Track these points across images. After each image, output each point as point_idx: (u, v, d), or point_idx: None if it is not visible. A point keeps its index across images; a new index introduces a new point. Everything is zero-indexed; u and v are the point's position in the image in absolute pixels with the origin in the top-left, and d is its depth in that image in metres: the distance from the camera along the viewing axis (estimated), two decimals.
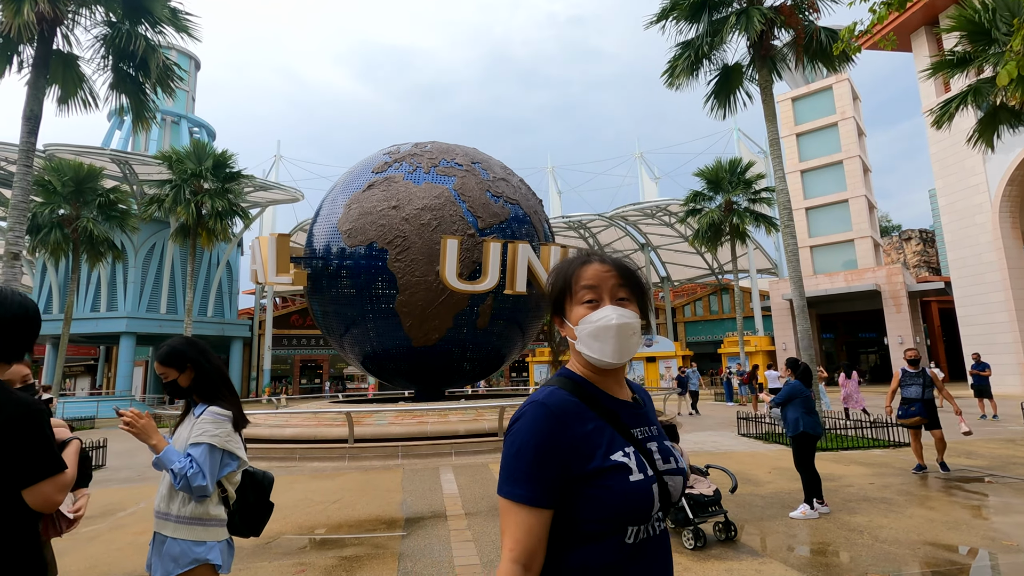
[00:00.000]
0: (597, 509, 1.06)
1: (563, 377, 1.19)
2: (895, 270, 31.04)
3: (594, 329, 1.13)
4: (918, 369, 7.41)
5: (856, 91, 35.71)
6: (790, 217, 11.94)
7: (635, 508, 1.07)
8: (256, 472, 2.43)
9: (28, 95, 9.82)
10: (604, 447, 1.09)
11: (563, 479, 1.06)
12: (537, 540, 1.05)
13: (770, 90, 12.34)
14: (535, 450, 1.07)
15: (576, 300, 1.18)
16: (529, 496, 1.05)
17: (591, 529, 1.07)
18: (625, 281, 1.19)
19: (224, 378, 2.38)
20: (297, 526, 5.77)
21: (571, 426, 1.09)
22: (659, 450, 1.17)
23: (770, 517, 5.53)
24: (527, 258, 11.96)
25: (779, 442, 10.57)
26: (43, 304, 31.16)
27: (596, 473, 1.07)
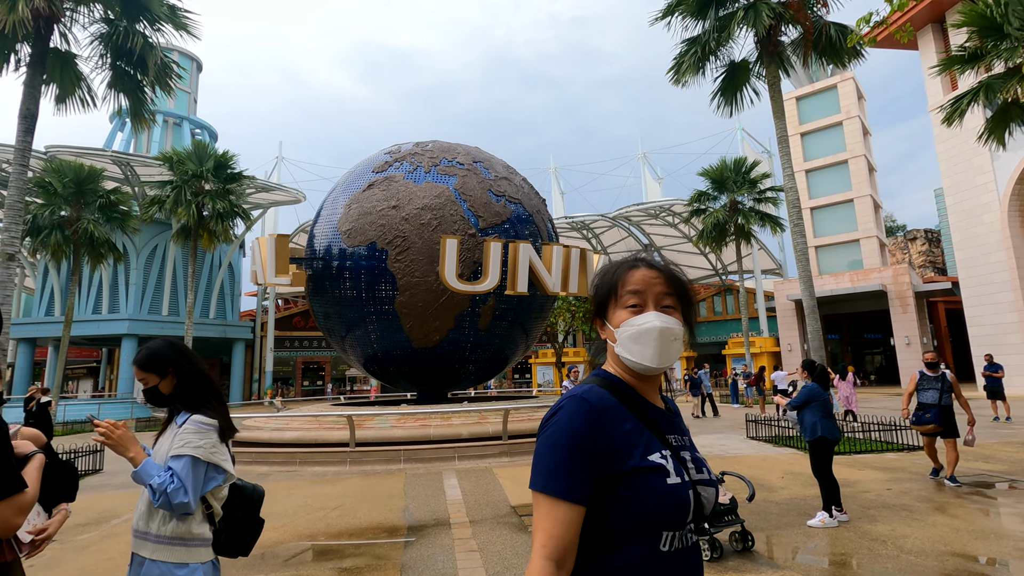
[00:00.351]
0: (633, 510, 1.04)
1: (600, 377, 1.18)
2: (901, 270, 30.75)
3: (635, 332, 1.12)
4: (937, 373, 6.93)
5: (861, 90, 35.47)
6: (799, 215, 11.73)
7: (672, 512, 1.04)
8: (245, 486, 2.24)
9: (24, 93, 9.67)
10: (642, 447, 1.07)
11: (600, 475, 1.04)
12: (572, 536, 1.02)
13: (778, 87, 12.13)
14: (574, 443, 1.05)
15: (620, 303, 1.17)
16: (566, 490, 1.02)
17: (626, 532, 1.04)
18: (672, 289, 1.18)
19: (209, 384, 2.19)
20: (296, 534, 5.58)
21: (610, 422, 1.08)
22: (692, 460, 1.15)
23: (787, 525, 5.32)
24: (528, 258, 11.75)
25: (790, 445, 10.34)
26: (45, 306, 31.08)
27: (633, 472, 1.05)
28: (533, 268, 11.85)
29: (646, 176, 45.99)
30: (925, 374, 7.02)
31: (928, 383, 6.94)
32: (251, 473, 9.19)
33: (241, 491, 2.20)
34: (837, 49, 11.62)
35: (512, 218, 12.34)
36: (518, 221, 12.46)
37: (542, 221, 13.29)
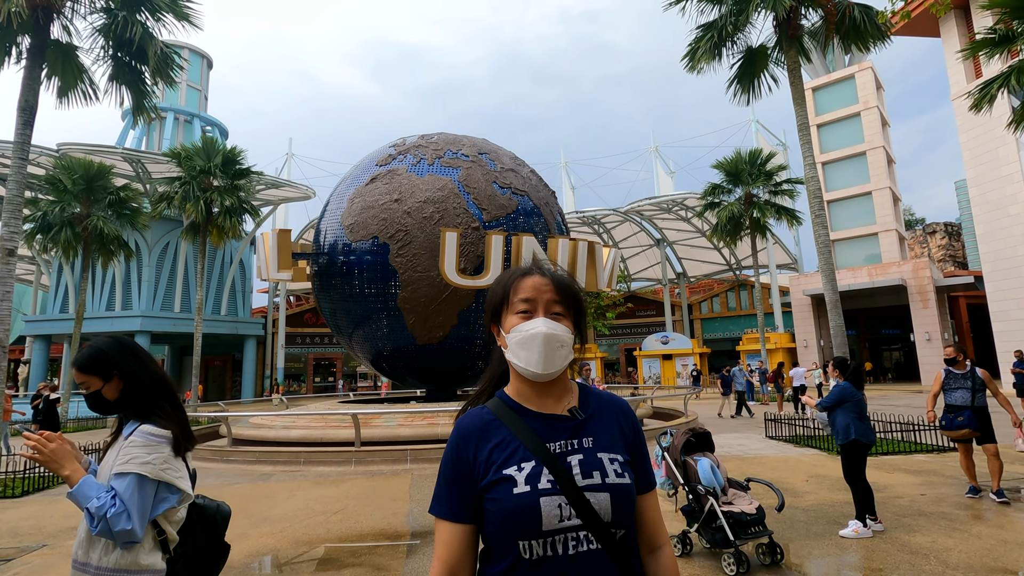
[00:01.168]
0: (492, 523, 1.08)
1: (493, 396, 1.24)
2: (922, 264, 29.95)
3: (522, 338, 1.15)
4: (965, 369, 6.09)
5: (879, 80, 34.59)
6: (821, 206, 11.25)
7: (517, 520, 1.06)
8: (207, 505, 1.94)
9: (23, 85, 9.48)
10: (500, 461, 1.11)
11: (470, 494, 1.11)
12: (458, 554, 1.08)
13: (798, 72, 11.65)
14: (447, 467, 1.14)
15: (511, 310, 1.19)
16: (443, 511, 1.11)
17: (491, 543, 1.10)
18: (561, 296, 1.19)
19: (164, 387, 1.88)
20: (293, 540, 5.31)
21: (475, 444, 1.14)
22: (581, 463, 1.12)
23: (817, 535, 4.95)
24: (532, 251, 11.36)
25: (811, 445, 9.93)
26: (59, 303, 31.30)
27: (488, 487, 1.09)
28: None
29: (658, 170, 45.37)
30: (952, 371, 6.20)
31: (956, 381, 6.12)
32: (254, 473, 8.97)
33: (202, 511, 1.90)
34: (861, 32, 11.10)
35: (518, 210, 11.99)
36: (524, 214, 12.11)
37: (551, 214, 12.92)
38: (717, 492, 4.31)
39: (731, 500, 4.40)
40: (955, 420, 6.04)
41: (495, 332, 1.25)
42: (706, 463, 4.47)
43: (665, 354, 33.70)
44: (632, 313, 41.87)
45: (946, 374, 6.30)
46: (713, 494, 4.27)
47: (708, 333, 41.68)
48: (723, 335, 40.96)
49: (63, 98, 11.06)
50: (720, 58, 12.69)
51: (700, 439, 4.77)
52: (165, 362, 40.35)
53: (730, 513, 4.18)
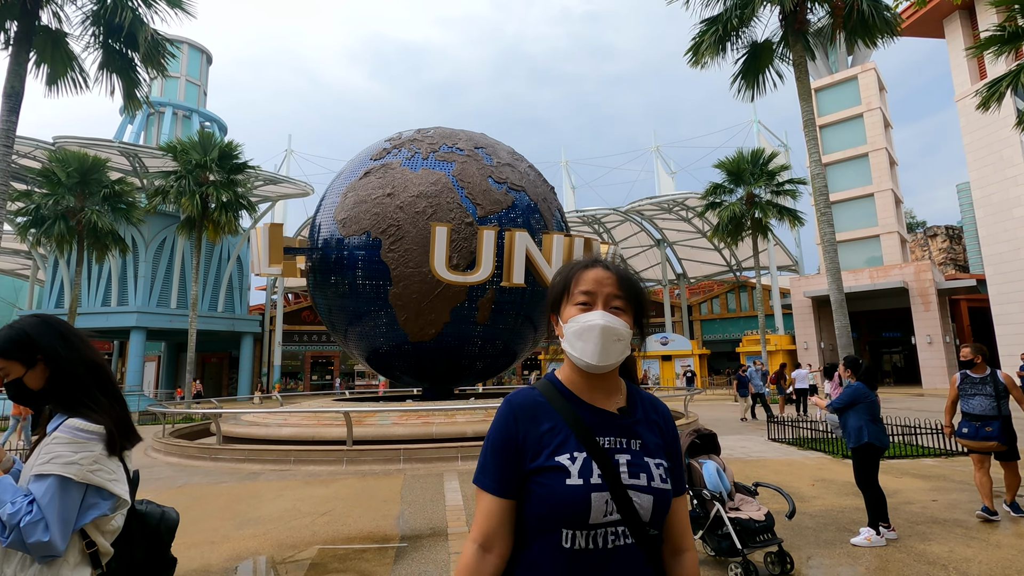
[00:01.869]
0: (537, 506, 1.11)
1: (544, 379, 1.25)
2: (924, 266, 29.74)
3: (579, 328, 1.16)
4: (984, 373, 5.35)
5: (883, 81, 34.36)
6: (827, 204, 11.01)
7: (567, 511, 1.09)
8: (149, 512, 1.69)
9: (9, 71, 9.22)
10: (552, 448, 1.13)
11: (516, 472, 1.14)
12: (497, 525, 1.12)
13: (804, 67, 11.40)
14: (496, 442, 1.17)
15: (571, 301, 1.21)
16: (488, 484, 1.15)
17: (534, 525, 1.12)
18: (623, 291, 1.20)
19: (98, 375, 1.62)
20: (276, 543, 5.06)
21: (528, 423, 1.16)
22: (628, 463, 1.15)
23: (827, 543, 4.70)
24: (525, 247, 11.08)
25: (815, 448, 9.69)
26: (55, 298, 31.00)
27: (538, 471, 1.12)
28: (531, 258, 11.19)
29: (659, 170, 45.13)
30: (969, 375, 5.42)
31: (974, 387, 5.33)
32: (242, 472, 8.72)
33: (143, 520, 1.65)
34: (869, 26, 10.85)
35: (513, 206, 11.72)
36: (520, 209, 11.84)
37: (548, 210, 12.64)
38: (723, 497, 4.07)
39: (738, 506, 4.16)
40: (982, 430, 5.24)
41: (554, 322, 1.27)
42: (712, 466, 4.23)
43: (664, 355, 33.46)
44: None
45: (962, 378, 5.50)
46: (719, 499, 4.02)
47: (708, 334, 41.47)
48: (723, 336, 40.75)
49: (52, 86, 10.80)
50: (724, 53, 12.45)
51: (705, 441, 4.52)
52: (161, 358, 40.06)
53: (737, 520, 3.94)
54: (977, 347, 5.45)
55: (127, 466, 1.61)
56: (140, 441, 1.68)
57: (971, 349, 5.45)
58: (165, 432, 12.08)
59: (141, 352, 30.56)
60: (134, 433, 1.63)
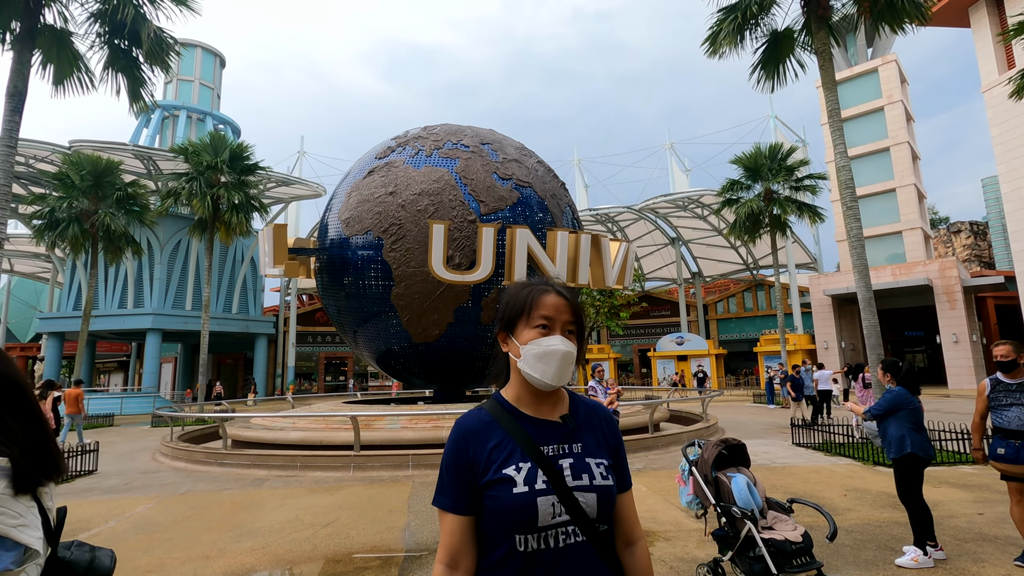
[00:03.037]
0: (488, 516, 1.20)
1: (491, 399, 1.35)
2: (949, 263, 28.84)
3: (542, 352, 1.25)
4: (1019, 377, 4.29)
5: (904, 73, 33.45)
6: (853, 198, 10.52)
7: (516, 517, 1.17)
8: (75, 561, 1.38)
9: (12, 71, 9.10)
10: (500, 461, 1.21)
11: (470, 489, 1.22)
12: (459, 542, 1.19)
13: (828, 55, 10.92)
14: (450, 463, 1.25)
15: (530, 323, 1.29)
16: (446, 504, 1.22)
17: (489, 535, 1.21)
18: (575, 317, 1.31)
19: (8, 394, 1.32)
20: (274, 558, 4.78)
21: (476, 443, 1.24)
22: (572, 467, 1.24)
23: (868, 564, 4.31)
24: (527, 244, 10.68)
25: (843, 454, 9.22)
26: (72, 301, 31.29)
27: (488, 484, 1.21)
28: (533, 256, 10.77)
29: (673, 167, 44.48)
30: (1002, 381, 4.37)
31: (1010, 395, 4.30)
32: (247, 478, 8.49)
33: (67, 570, 1.36)
34: (898, 10, 10.34)
35: (520, 202, 11.35)
36: (527, 206, 11.46)
37: (557, 206, 12.23)
38: (755, 515, 3.70)
39: (771, 524, 3.78)
40: (1021, 451, 4.17)
41: (503, 339, 1.34)
42: (742, 480, 3.86)
43: (680, 355, 32.89)
44: (646, 313, 41.07)
45: (993, 384, 4.41)
46: (751, 517, 3.66)
47: (724, 334, 40.74)
48: (740, 336, 40.00)
49: (59, 86, 10.70)
50: (743, 42, 12.00)
51: (733, 452, 4.14)
52: (178, 360, 40.35)
53: (772, 541, 3.57)
54: (1018, 346, 4.34)
55: (44, 505, 1.32)
56: (62, 474, 1.38)
57: (1011, 347, 4.34)
58: (173, 435, 11.94)
59: (157, 354, 30.74)
60: (54, 464, 1.34)
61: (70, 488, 8.33)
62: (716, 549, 4.28)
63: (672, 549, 4.75)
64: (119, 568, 4.55)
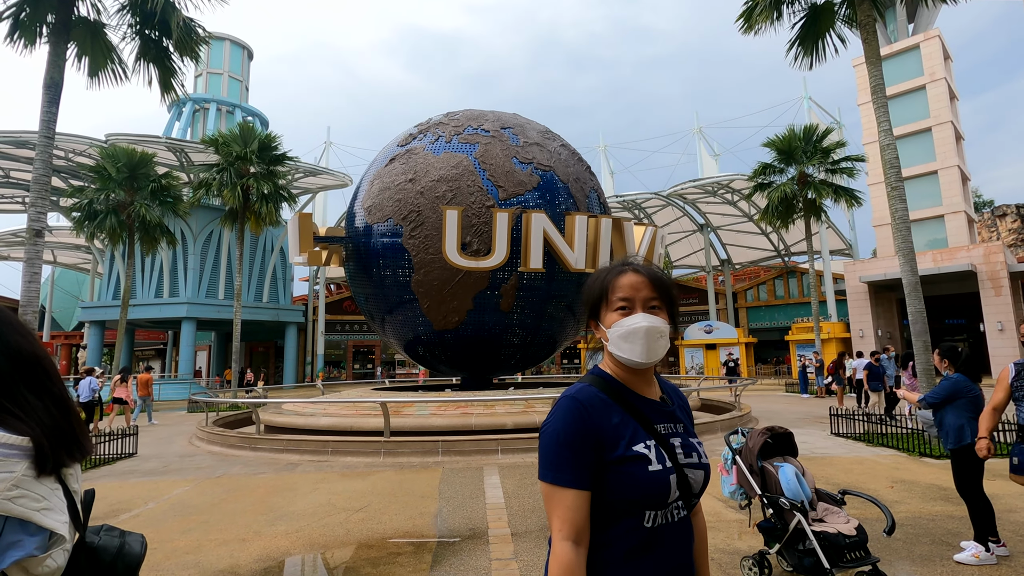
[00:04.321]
0: (620, 492, 1.18)
1: (593, 375, 1.32)
2: (995, 248, 27.57)
3: (625, 332, 1.25)
4: None
5: (947, 49, 31.88)
6: (899, 178, 10.04)
7: (652, 495, 1.18)
8: (103, 546, 1.31)
9: (48, 62, 9.28)
10: (628, 438, 1.21)
11: (596, 463, 1.18)
12: (584, 518, 1.17)
13: (872, 28, 10.38)
14: (572, 438, 1.19)
15: (611, 306, 1.29)
16: (573, 479, 1.17)
17: (615, 510, 1.19)
18: (658, 292, 1.29)
19: (28, 369, 1.24)
20: (308, 542, 4.79)
21: (599, 417, 1.21)
22: (682, 445, 1.27)
23: (924, 560, 4.08)
24: (543, 229, 10.44)
25: (886, 444, 8.88)
26: (112, 291, 32.33)
27: (620, 461, 1.19)
28: (550, 241, 10.52)
29: (702, 152, 43.50)
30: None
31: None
32: (280, 462, 8.60)
33: (95, 556, 1.28)
34: None
35: (540, 187, 11.12)
36: (548, 190, 11.22)
37: (580, 190, 11.94)
38: (805, 507, 3.52)
39: (822, 517, 3.60)
40: None
41: (593, 327, 1.35)
42: (789, 470, 3.67)
43: (709, 343, 32.32)
44: None
45: (1018, 370, 3.74)
46: (800, 509, 3.48)
47: (754, 322, 39.89)
48: (770, 324, 39.11)
49: (94, 77, 10.89)
50: (780, 18, 11.50)
51: (779, 441, 3.96)
52: (212, 348, 41.46)
53: (823, 534, 3.38)
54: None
55: (70, 487, 1.24)
56: (88, 454, 1.31)
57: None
58: (208, 420, 12.19)
59: (192, 342, 31.58)
60: (79, 444, 1.26)
61: (111, 470, 8.56)
62: (760, 541, 4.12)
63: (712, 540, 4.59)
64: (159, 549, 4.62)
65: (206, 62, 39.86)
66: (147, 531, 4.93)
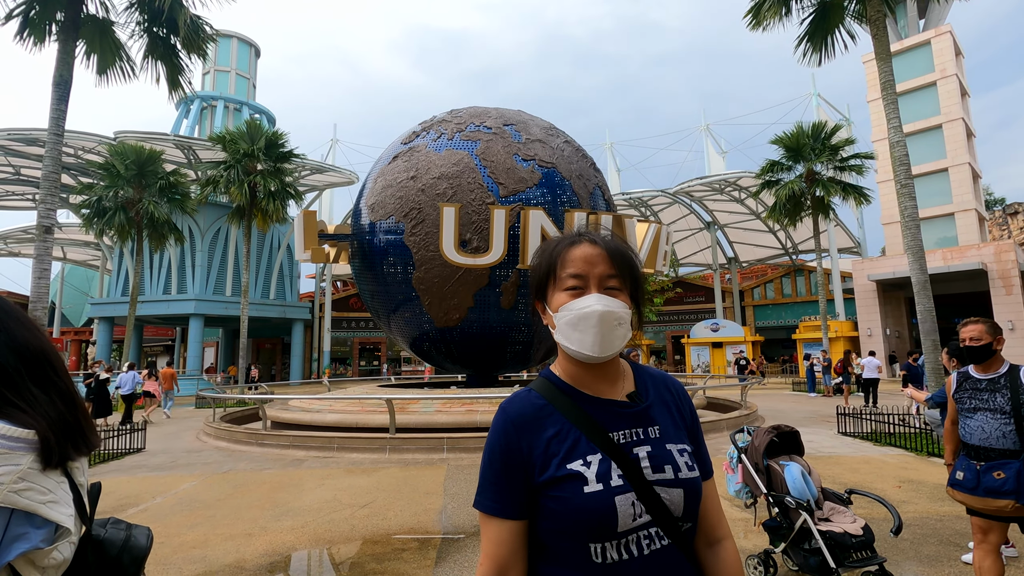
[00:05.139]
0: (551, 521, 0.99)
1: (541, 377, 1.12)
2: (1006, 246, 27.31)
3: (573, 317, 1.03)
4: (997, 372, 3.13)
5: (959, 45, 31.55)
6: (908, 175, 9.95)
7: (590, 522, 0.96)
8: (109, 539, 1.32)
9: (57, 60, 9.36)
10: (561, 455, 1.00)
11: (524, 488, 1.00)
12: (509, 552, 0.99)
13: (882, 24, 10.28)
14: (496, 459, 1.02)
15: (559, 285, 1.06)
16: (493, 507, 1.00)
17: (555, 541, 1.00)
18: (617, 268, 1.05)
19: (33, 362, 1.25)
20: (314, 538, 4.81)
21: (529, 433, 1.02)
22: (650, 456, 1.03)
23: (931, 560, 4.06)
24: (540, 226, 10.39)
25: (893, 443, 8.82)
26: (121, 287, 32.59)
27: (549, 483, 0.99)
28: (547, 238, 10.55)
29: (709, 150, 43.29)
30: (970, 376, 3.24)
31: (976, 396, 3.13)
32: (286, 458, 8.65)
33: (101, 549, 1.29)
34: None
35: (541, 184, 11.12)
36: (549, 187, 11.21)
37: (584, 187, 11.89)
38: (811, 506, 3.50)
39: (828, 516, 3.58)
40: (986, 476, 2.96)
41: (540, 310, 1.12)
42: (795, 469, 3.65)
43: (715, 342, 32.20)
44: (680, 299, 40.33)
45: (959, 381, 3.30)
46: (806, 508, 3.46)
47: (761, 321, 39.72)
48: (777, 323, 38.95)
49: (103, 75, 10.97)
50: (788, 13, 11.42)
51: (785, 439, 3.94)
52: (219, 344, 41.74)
53: (829, 533, 3.36)
54: (993, 325, 3.19)
55: (76, 481, 1.25)
56: (94, 448, 1.32)
57: (984, 327, 3.15)
58: (216, 416, 12.27)
59: (199, 338, 31.79)
60: (85, 438, 1.27)
61: (120, 465, 8.64)
62: (766, 540, 4.10)
63: None
64: (166, 543, 4.65)
65: (213, 60, 40.03)
66: (154, 525, 4.98)
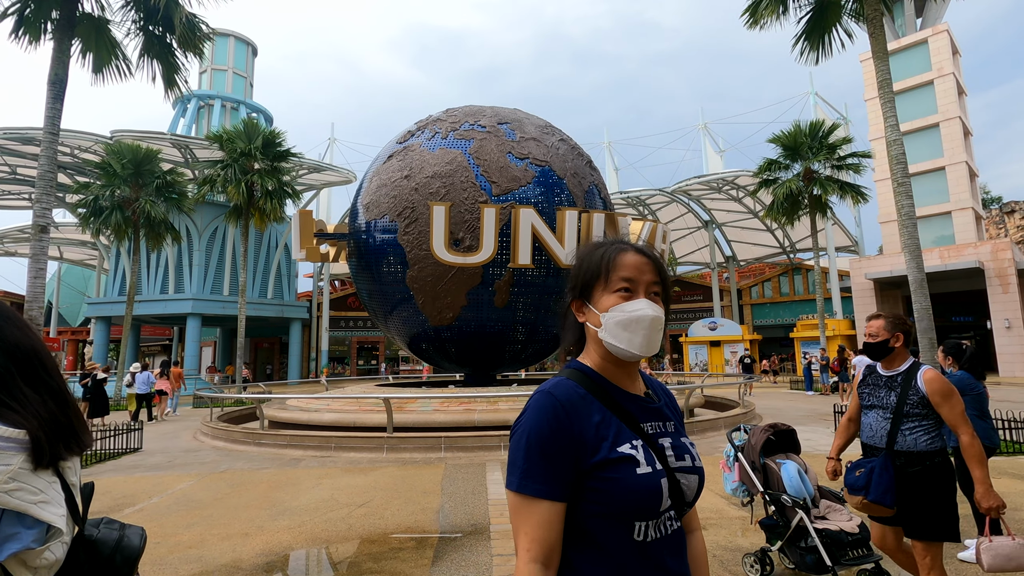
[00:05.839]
0: (603, 502, 1.04)
1: (572, 368, 1.17)
2: (1002, 245, 27.39)
3: (627, 319, 1.10)
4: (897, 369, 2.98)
5: (956, 44, 31.60)
6: (905, 174, 9.97)
7: (642, 502, 1.04)
8: (102, 539, 1.31)
9: (53, 59, 9.31)
10: (611, 439, 1.07)
11: (574, 471, 1.04)
12: (556, 535, 1.02)
13: (879, 22, 10.29)
14: (544, 441, 1.04)
15: (610, 287, 1.14)
16: (545, 489, 1.02)
17: (598, 524, 1.04)
18: (660, 277, 1.17)
19: (27, 360, 1.24)
20: (311, 537, 4.81)
21: (578, 416, 1.07)
22: (672, 446, 1.14)
23: None
24: (531, 225, 10.42)
25: None
26: (118, 287, 32.47)
27: (602, 465, 1.04)
28: (539, 237, 10.51)
29: (707, 148, 43.31)
30: (876, 371, 3.09)
31: (874, 392, 3.04)
32: (283, 458, 8.64)
33: (94, 549, 1.28)
34: None
35: (535, 182, 11.12)
36: (543, 185, 11.21)
37: (579, 186, 11.87)
38: (807, 504, 3.51)
39: (824, 514, 3.59)
40: (850, 474, 3.02)
41: (578, 307, 1.19)
42: (792, 467, 3.66)
43: (713, 340, 32.25)
44: (678, 298, 40.37)
45: (864, 375, 3.16)
46: (803, 506, 3.47)
47: (759, 319, 39.77)
48: (775, 321, 39.00)
49: (98, 74, 10.93)
50: (786, 12, 11.42)
51: (782, 438, 3.94)
52: (217, 344, 41.64)
53: (826, 531, 3.37)
54: (895, 320, 2.94)
55: (68, 480, 1.24)
56: (86, 448, 1.31)
57: (884, 322, 2.95)
58: (213, 416, 12.25)
59: (197, 337, 31.71)
60: (77, 437, 1.26)
61: (116, 465, 8.63)
62: (762, 538, 4.11)
63: (714, 537, 4.59)
64: (162, 543, 4.64)
65: (210, 58, 39.91)
66: (151, 525, 4.97)
